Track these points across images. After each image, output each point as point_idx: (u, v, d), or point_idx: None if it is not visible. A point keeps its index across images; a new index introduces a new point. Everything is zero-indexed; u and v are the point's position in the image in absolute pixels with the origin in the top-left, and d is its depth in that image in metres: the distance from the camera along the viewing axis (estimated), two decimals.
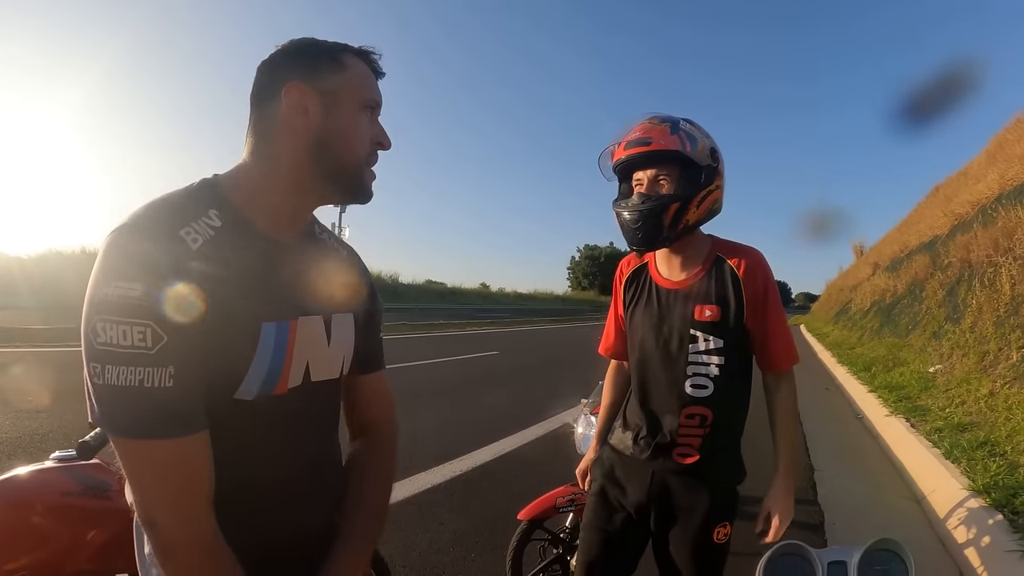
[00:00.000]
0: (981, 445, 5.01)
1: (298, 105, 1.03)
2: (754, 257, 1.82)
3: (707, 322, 1.78)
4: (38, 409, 6.33)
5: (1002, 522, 3.54)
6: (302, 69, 1.05)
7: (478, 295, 60.78)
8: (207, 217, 0.98)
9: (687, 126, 1.74)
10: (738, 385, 1.85)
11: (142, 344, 0.87)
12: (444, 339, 19.15)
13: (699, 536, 1.81)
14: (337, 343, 1.17)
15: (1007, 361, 6.82)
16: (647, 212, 1.71)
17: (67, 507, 1.63)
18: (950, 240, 13.59)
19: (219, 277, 0.95)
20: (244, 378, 0.99)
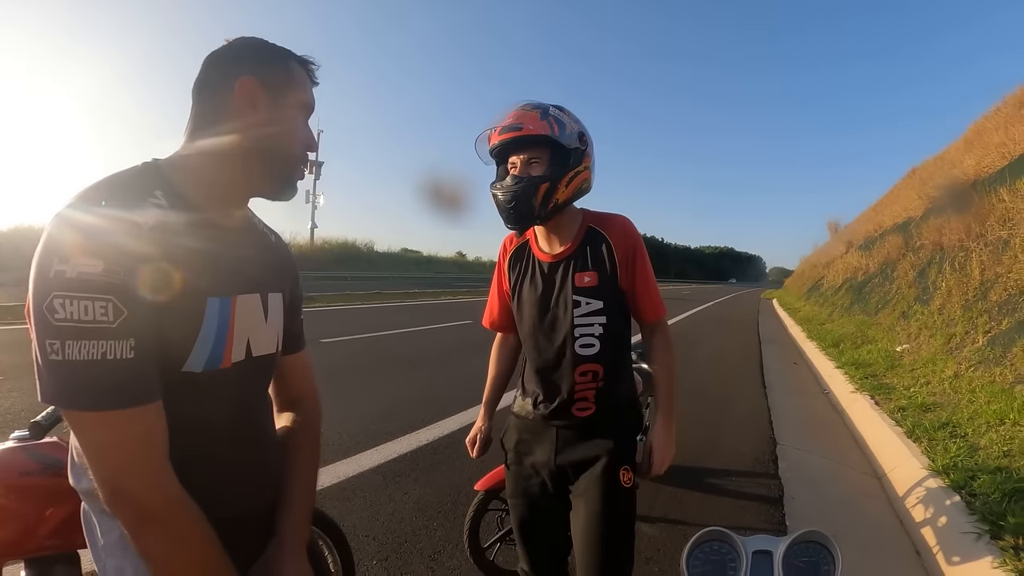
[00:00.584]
0: (943, 426, 5.09)
1: (248, 98, 1.10)
2: (622, 223, 1.99)
3: (587, 287, 1.93)
4: (10, 388, 6.26)
5: (959, 503, 3.58)
6: (254, 66, 1.12)
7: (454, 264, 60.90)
8: (153, 197, 1.02)
9: (556, 112, 1.86)
10: (621, 340, 2.02)
11: (104, 319, 0.89)
12: (419, 308, 19.22)
13: (606, 481, 1.90)
14: (272, 319, 1.24)
15: (973, 344, 6.93)
16: (519, 192, 1.83)
17: (26, 486, 1.65)
18: (924, 222, 13.75)
19: (169, 254, 0.99)
20: (192, 351, 1.03)
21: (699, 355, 11.86)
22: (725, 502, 4.15)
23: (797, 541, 0.98)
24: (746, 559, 0.97)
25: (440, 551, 3.26)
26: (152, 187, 1.03)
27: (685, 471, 4.68)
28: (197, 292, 1.04)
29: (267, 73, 1.12)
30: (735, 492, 4.36)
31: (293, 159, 1.17)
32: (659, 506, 3.95)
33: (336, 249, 46.32)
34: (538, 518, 2.06)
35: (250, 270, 1.19)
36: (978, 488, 3.73)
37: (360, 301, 20.90)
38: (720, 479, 4.61)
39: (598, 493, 1.89)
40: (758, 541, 1.00)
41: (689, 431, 5.81)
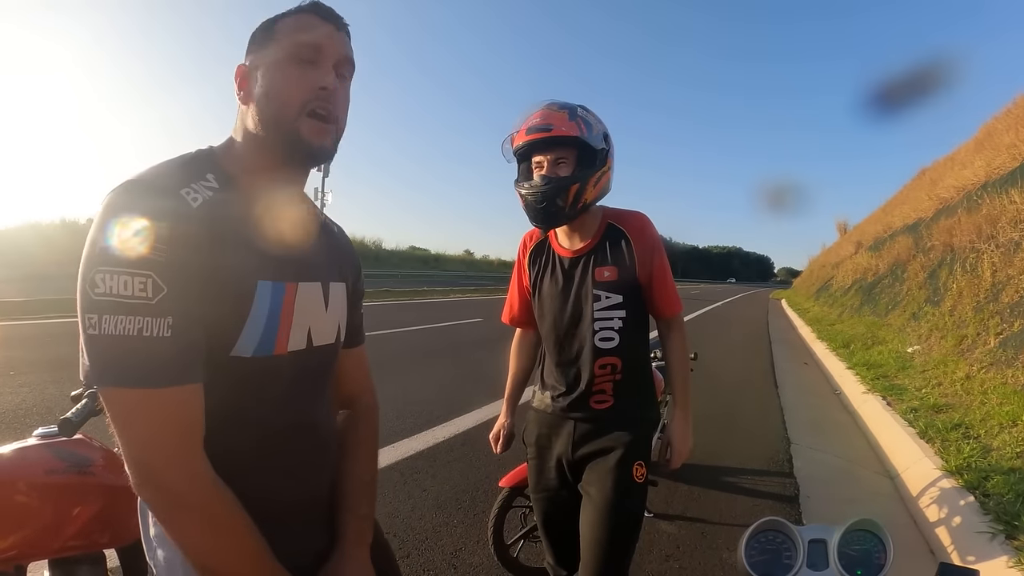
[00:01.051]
0: (956, 427, 5.10)
1: (241, 84, 1.12)
2: (641, 220, 2.04)
3: (607, 281, 1.97)
4: (20, 384, 6.28)
5: (973, 503, 3.61)
6: (248, 51, 1.13)
7: (462, 262, 60.86)
8: (205, 180, 1.02)
9: (583, 113, 1.89)
10: (639, 334, 2.05)
11: (143, 294, 0.88)
12: (427, 306, 19.20)
13: (619, 473, 1.94)
14: (333, 310, 1.21)
15: (984, 346, 6.93)
16: (549, 193, 1.86)
17: (51, 485, 1.61)
18: (934, 223, 13.70)
19: (217, 234, 0.98)
20: (240, 334, 1.01)
21: (711, 354, 11.86)
22: (742, 500, 4.19)
23: (851, 530, 1.01)
24: (803, 547, 1.01)
25: (461, 548, 3.29)
26: (204, 170, 1.04)
27: (702, 469, 4.71)
28: (246, 274, 1.02)
29: (252, 51, 1.12)
30: (751, 490, 4.40)
31: (288, 113, 1.07)
32: (676, 504, 3.99)
33: None
34: (560, 511, 2.11)
35: (310, 258, 1.17)
36: (992, 488, 3.75)
37: (369, 299, 20.71)
38: (736, 477, 4.65)
39: (610, 484, 1.92)
40: (813, 530, 1.02)
41: (704, 430, 5.83)
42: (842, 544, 1.00)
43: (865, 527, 1.02)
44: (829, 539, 1.01)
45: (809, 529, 1.03)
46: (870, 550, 1.00)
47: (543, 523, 2.16)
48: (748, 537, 1.04)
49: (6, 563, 1.60)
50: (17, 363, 7.18)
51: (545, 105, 1.92)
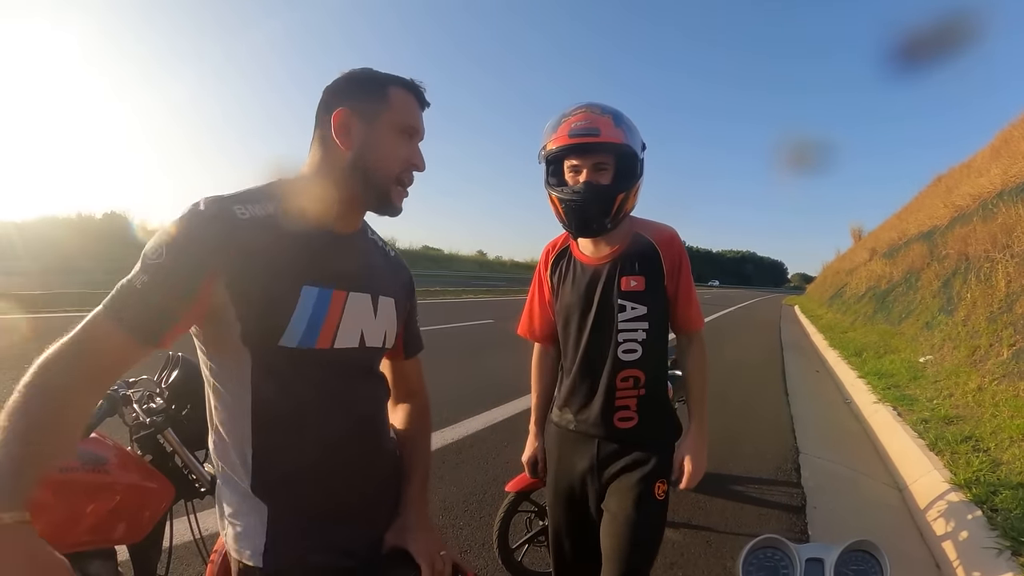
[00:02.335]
0: (966, 439, 5.07)
1: (343, 126, 1.24)
2: (670, 232, 2.00)
3: (632, 291, 1.92)
4: None
5: (981, 518, 3.59)
6: (351, 96, 1.26)
7: (475, 262, 60.81)
8: (262, 204, 1.20)
9: (627, 119, 1.85)
10: (661, 347, 2.02)
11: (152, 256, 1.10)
12: (438, 306, 19.19)
13: (641, 491, 1.91)
14: (382, 318, 1.38)
15: (997, 357, 6.88)
16: (594, 200, 1.84)
17: (65, 482, 1.64)
18: (949, 231, 13.58)
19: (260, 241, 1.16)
20: (287, 328, 1.17)
21: (722, 360, 11.83)
22: (748, 509, 4.18)
23: (848, 550, 1.01)
24: (799, 566, 1.01)
25: (467, 550, 3.32)
26: (266, 198, 1.22)
27: (708, 477, 4.65)
28: (291, 277, 1.20)
29: (361, 101, 1.25)
30: (757, 499, 4.40)
31: (386, 178, 1.28)
32: (682, 512, 3.99)
33: None
34: (575, 530, 2.08)
35: (362, 272, 1.35)
36: (1000, 503, 3.73)
37: None
38: (743, 486, 4.65)
39: (631, 502, 1.89)
40: (811, 549, 1.03)
41: (712, 437, 5.82)
42: (839, 564, 1.01)
43: (863, 548, 1.02)
44: (827, 558, 1.01)
45: (807, 548, 1.04)
46: (867, 571, 1.01)
47: (555, 538, 2.14)
48: (746, 554, 1.05)
49: None
50: (34, 357, 7.17)
51: (586, 107, 1.85)
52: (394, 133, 1.28)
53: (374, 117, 1.26)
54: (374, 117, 1.26)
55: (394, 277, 1.48)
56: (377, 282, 1.39)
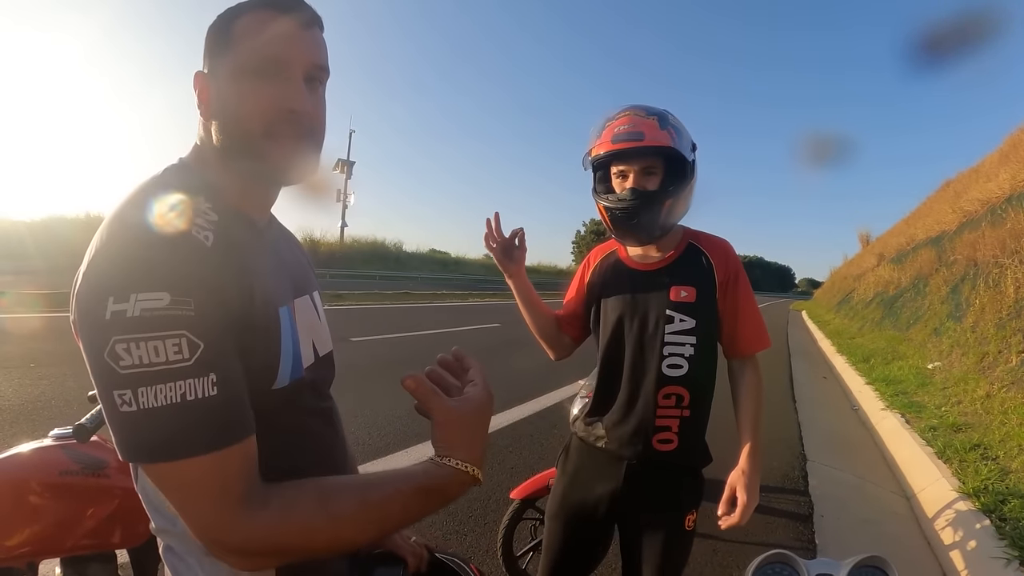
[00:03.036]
0: (974, 447, 5.04)
1: (201, 96, 1.00)
2: (725, 245, 1.89)
3: (683, 303, 1.80)
4: (40, 376, 6.41)
5: (989, 527, 3.57)
6: (206, 53, 1.00)
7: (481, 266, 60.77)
8: (204, 211, 0.90)
9: (674, 120, 1.76)
10: (709, 366, 1.86)
11: (178, 357, 0.77)
12: (444, 309, 19.20)
13: (672, 524, 1.84)
14: (323, 317, 1.19)
15: (1006, 364, 6.84)
16: (642, 207, 1.74)
17: (65, 485, 1.65)
18: (957, 237, 13.53)
19: (238, 270, 0.89)
20: (279, 368, 0.96)
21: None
22: (754, 518, 4.02)
23: (859, 565, 0.99)
24: None
25: (471, 556, 3.30)
26: (196, 196, 0.92)
27: (714, 484, 4.68)
28: (269, 305, 0.95)
29: (210, 56, 0.99)
30: (764, 507, 4.34)
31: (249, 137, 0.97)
32: None
33: (365, 248, 46.42)
34: (576, 546, 1.98)
35: (296, 272, 1.12)
36: (1009, 512, 3.71)
37: (389, 301, 21.00)
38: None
39: (663, 539, 1.82)
40: (820, 565, 1.01)
41: (718, 444, 5.81)
42: None
43: (873, 563, 1.00)
44: (836, 575, 1.00)
45: (816, 563, 1.02)
46: None
47: (550, 550, 2.01)
48: (754, 569, 1.03)
49: (19, 559, 1.65)
50: (39, 355, 7.33)
51: (630, 109, 1.77)
52: (243, 78, 0.96)
53: (220, 67, 0.98)
54: (220, 67, 0.98)
55: (310, 265, 1.27)
56: (308, 278, 1.18)
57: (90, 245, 0.85)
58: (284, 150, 0.98)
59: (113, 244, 0.82)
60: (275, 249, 1.08)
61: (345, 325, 12.95)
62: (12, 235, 25.34)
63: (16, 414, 5.16)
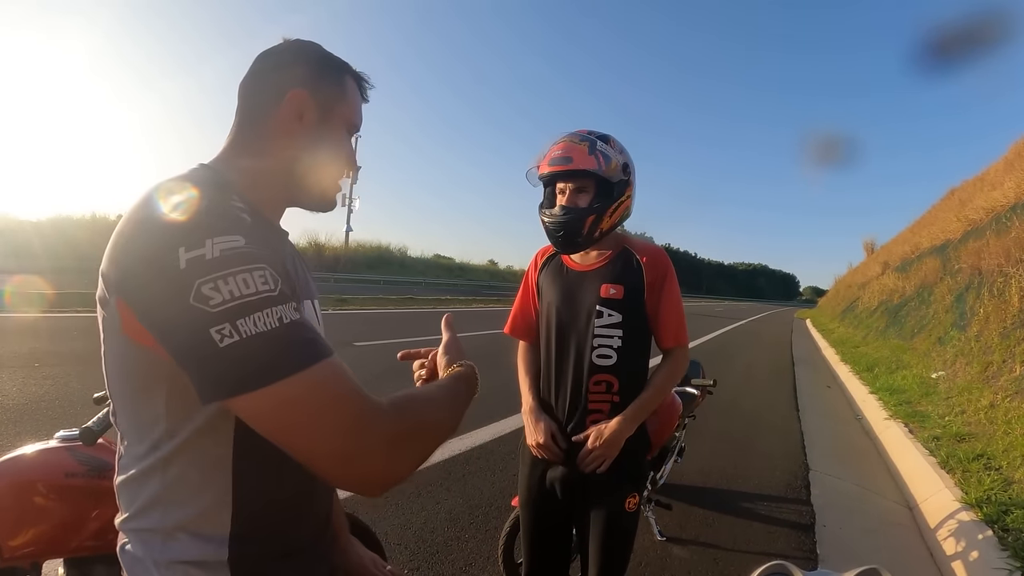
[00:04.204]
0: (977, 457, 5.03)
1: (297, 113, 1.06)
2: (657, 251, 2.10)
3: (611, 299, 2.02)
4: (45, 376, 6.42)
5: (991, 538, 3.56)
6: (308, 77, 1.08)
7: (486, 271, 60.75)
8: (238, 204, 0.93)
9: (603, 147, 1.98)
10: (637, 357, 2.07)
11: (266, 287, 0.80)
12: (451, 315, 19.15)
13: (613, 505, 2.02)
14: (321, 324, 1.20)
15: (1010, 374, 6.82)
16: (567, 223, 1.98)
17: (70, 487, 1.68)
18: (962, 245, 13.50)
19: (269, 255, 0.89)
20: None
21: (733, 373, 11.78)
22: (756, 527, 4.15)
23: None
24: None
25: (471, 563, 3.31)
26: (228, 190, 0.96)
27: (717, 493, 4.70)
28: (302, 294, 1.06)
29: (320, 87, 1.08)
30: (766, 517, 4.36)
31: (331, 175, 1.15)
32: (690, 528, 3.98)
33: (370, 252, 46.34)
34: (545, 526, 2.18)
35: (306, 276, 1.18)
36: (1011, 523, 3.70)
37: (393, 305, 21.01)
38: (752, 503, 4.62)
39: (604, 518, 2.02)
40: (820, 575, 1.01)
41: (722, 452, 5.82)
42: None
43: (872, 575, 1.00)
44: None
45: (815, 575, 1.02)
46: None
47: (527, 534, 2.22)
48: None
49: (23, 559, 1.67)
50: (43, 355, 7.34)
51: (568, 136, 2.00)
52: (343, 128, 1.14)
53: (330, 109, 1.10)
54: (330, 109, 1.10)
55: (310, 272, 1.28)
56: (312, 283, 1.22)
57: (122, 221, 0.87)
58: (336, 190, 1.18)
59: (163, 208, 0.84)
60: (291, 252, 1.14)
61: (349, 329, 12.98)
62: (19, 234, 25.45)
63: (20, 414, 5.18)
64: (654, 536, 3.71)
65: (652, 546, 3.66)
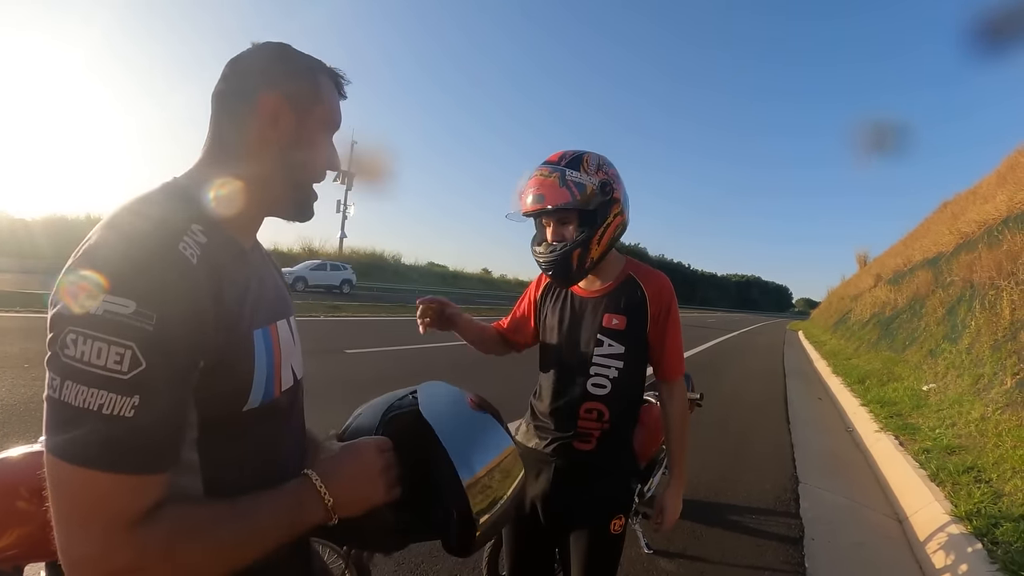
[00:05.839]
0: (968, 470, 5.02)
1: (272, 116, 1.03)
2: (661, 280, 2.05)
3: (613, 329, 1.99)
4: (34, 377, 6.39)
5: (981, 551, 3.55)
6: (280, 79, 1.05)
7: (479, 280, 60.82)
8: (192, 232, 0.91)
9: (573, 174, 1.90)
10: (631, 388, 2.05)
11: (116, 367, 0.78)
12: None
13: (597, 527, 1.98)
14: (298, 341, 1.20)
15: (1001, 386, 6.82)
16: (554, 262, 1.95)
17: None
18: (954, 258, 13.55)
19: (215, 293, 0.90)
20: (251, 390, 0.97)
21: (724, 385, 11.78)
22: (744, 540, 4.13)
23: None
24: None
25: (456, 574, 3.29)
26: (189, 216, 0.93)
27: (705, 506, 4.67)
28: (245, 329, 0.97)
29: (293, 88, 1.05)
30: (755, 530, 4.33)
31: (311, 180, 1.12)
32: (678, 541, 3.94)
33: (364, 259, 46.31)
34: (528, 546, 2.15)
35: (275, 294, 1.14)
36: (1001, 536, 3.69)
37: (386, 313, 21.10)
38: (740, 516, 4.59)
39: (587, 540, 1.98)
40: None
41: (711, 465, 5.79)
42: None
43: None
44: None
45: None
46: None
47: (510, 553, 2.19)
48: None
49: (6, 563, 1.68)
50: (33, 355, 7.34)
51: (538, 171, 1.94)
52: (322, 129, 1.11)
53: (305, 110, 1.07)
54: (305, 110, 1.07)
55: (286, 286, 1.27)
56: (286, 301, 1.20)
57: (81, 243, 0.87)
58: (316, 197, 1.15)
59: (101, 245, 0.84)
60: (258, 273, 1.09)
61: (341, 336, 12.97)
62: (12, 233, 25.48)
63: (8, 414, 5.16)
64: (641, 549, 3.68)
65: (639, 559, 3.63)
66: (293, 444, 1.14)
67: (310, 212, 1.15)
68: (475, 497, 1.15)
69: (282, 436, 1.10)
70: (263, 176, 1.05)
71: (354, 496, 1.06)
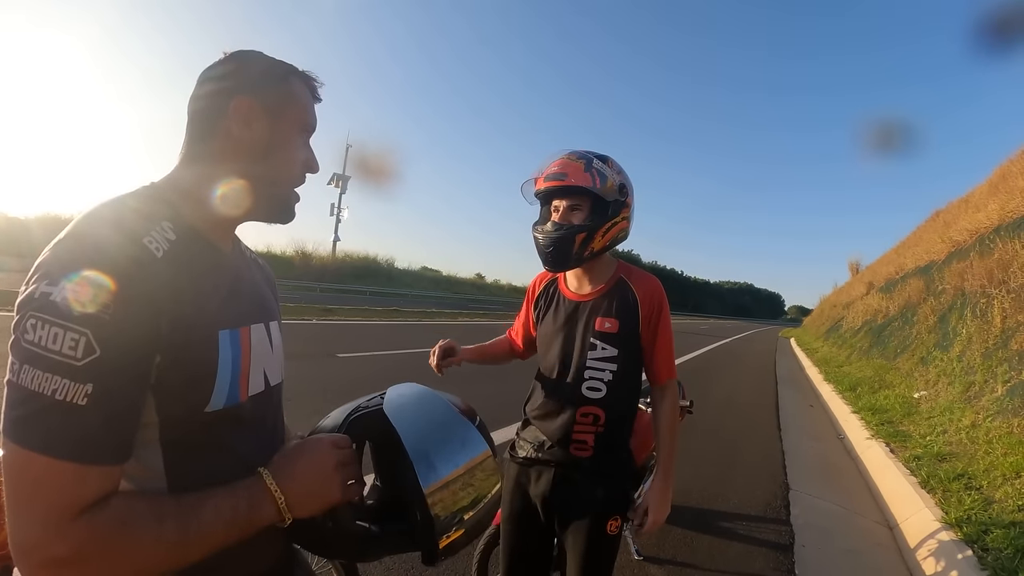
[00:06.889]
0: (958, 477, 5.03)
1: (244, 120, 1.05)
2: (653, 284, 2.06)
3: (606, 333, 2.00)
4: None
5: (971, 558, 3.55)
6: (251, 83, 1.07)
7: (473, 285, 60.82)
8: (161, 228, 0.95)
9: (600, 165, 1.95)
10: (627, 391, 2.05)
11: (71, 353, 0.79)
12: (436, 328, 19.15)
13: (593, 527, 2.00)
14: (277, 348, 1.21)
15: (992, 394, 6.84)
16: (558, 239, 1.95)
17: None
18: (946, 266, 13.60)
19: (178, 288, 0.92)
20: (213, 391, 0.98)
21: (715, 391, 11.78)
22: (735, 546, 4.12)
23: None
24: None
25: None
26: (160, 215, 0.97)
27: (696, 512, 4.65)
28: (208, 328, 0.98)
29: (264, 91, 1.08)
30: (745, 536, 4.32)
31: (288, 182, 1.13)
32: (668, 547, 3.92)
33: (357, 263, 46.26)
34: (525, 545, 2.16)
35: (253, 299, 1.14)
36: (991, 543, 3.69)
37: (378, 317, 21.04)
38: (731, 522, 4.58)
39: (584, 541, 1.99)
40: None
41: (702, 471, 5.78)
42: None
43: None
44: None
45: None
46: None
47: (506, 552, 2.19)
48: None
49: None
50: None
51: (565, 154, 1.97)
52: (297, 131, 1.12)
53: (278, 111, 1.08)
54: (278, 111, 1.08)
55: (273, 294, 1.28)
56: (266, 306, 1.19)
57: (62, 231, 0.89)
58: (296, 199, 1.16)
59: (71, 234, 0.87)
60: (236, 274, 1.12)
61: (333, 340, 12.93)
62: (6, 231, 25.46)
63: None
64: (631, 555, 3.67)
65: (629, 565, 3.61)
66: (265, 452, 1.11)
67: (290, 214, 1.17)
68: (438, 504, 1.11)
69: (250, 443, 1.09)
70: (237, 179, 1.07)
71: (307, 493, 1.04)
